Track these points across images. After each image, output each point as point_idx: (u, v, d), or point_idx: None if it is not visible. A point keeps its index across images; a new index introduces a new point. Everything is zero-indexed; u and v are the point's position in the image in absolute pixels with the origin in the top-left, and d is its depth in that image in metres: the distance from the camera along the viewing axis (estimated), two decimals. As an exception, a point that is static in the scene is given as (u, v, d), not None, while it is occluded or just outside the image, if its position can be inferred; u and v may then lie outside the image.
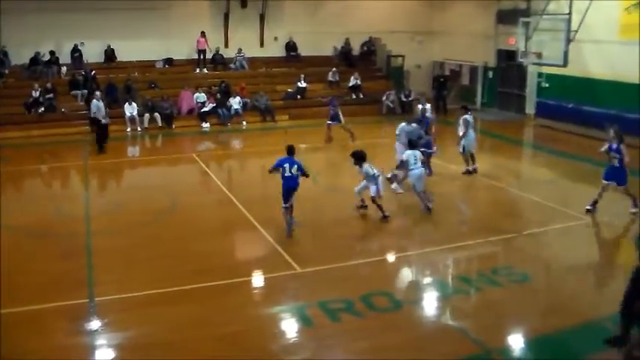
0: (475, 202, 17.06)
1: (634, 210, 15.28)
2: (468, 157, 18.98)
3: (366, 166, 14.51)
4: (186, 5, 29.54)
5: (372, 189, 14.45)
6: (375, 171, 14.52)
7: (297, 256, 12.39)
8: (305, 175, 13.72)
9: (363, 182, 14.69)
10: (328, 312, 10.14)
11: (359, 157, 14.63)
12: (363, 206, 15.31)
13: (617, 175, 15.01)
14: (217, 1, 30.23)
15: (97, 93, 23.31)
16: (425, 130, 18.35)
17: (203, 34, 29.41)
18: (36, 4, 25.92)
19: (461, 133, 18.68)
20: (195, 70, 29.85)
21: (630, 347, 7.66)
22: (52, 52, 27.81)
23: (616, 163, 14.94)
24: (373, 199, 14.63)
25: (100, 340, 9.42)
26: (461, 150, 18.77)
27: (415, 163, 15.32)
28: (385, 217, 14.70)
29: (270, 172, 13.80)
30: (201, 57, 30.03)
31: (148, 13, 28.31)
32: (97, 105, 22.28)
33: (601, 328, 9.70)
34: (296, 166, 13.47)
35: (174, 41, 29.26)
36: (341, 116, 23.12)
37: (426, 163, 16.60)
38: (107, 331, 9.67)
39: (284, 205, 13.64)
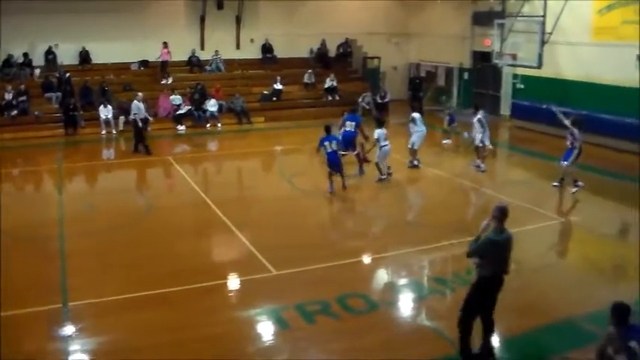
0: (450, 204, 17.10)
1: (574, 190, 16.82)
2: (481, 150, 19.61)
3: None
4: (162, 7, 29.38)
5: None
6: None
7: (272, 258, 12.34)
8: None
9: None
10: (304, 314, 10.14)
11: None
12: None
13: (566, 154, 16.99)
14: (193, 3, 30.08)
15: (139, 94, 22.75)
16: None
17: (165, 44, 28.88)
18: (8, 6, 25.57)
19: (479, 133, 19.19)
20: (161, 82, 28.98)
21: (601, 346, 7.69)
22: (25, 54, 27.48)
23: (569, 144, 16.97)
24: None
25: (75, 346, 9.34)
26: (479, 144, 19.40)
27: (385, 140, 17.78)
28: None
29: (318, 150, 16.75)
30: (165, 68, 29.27)
31: (123, 14, 28.06)
32: (138, 106, 21.97)
33: (575, 326, 9.87)
34: (335, 141, 16.42)
35: (150, 43, 28.96)
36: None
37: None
38: (82, 337, 9.59)
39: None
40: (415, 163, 19.78)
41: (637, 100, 21.65)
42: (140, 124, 21.98)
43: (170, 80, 28.88)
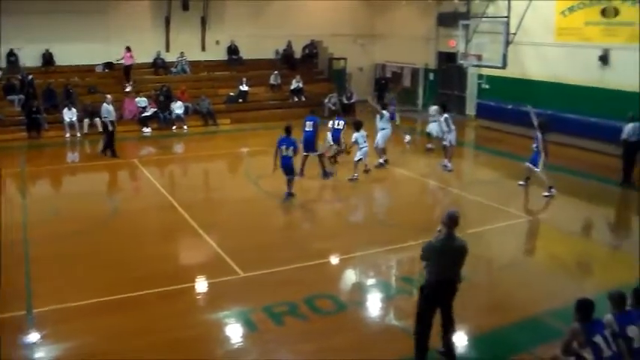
0: (417, 203, 17.20)
1: (546, 194, 16.87)
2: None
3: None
4: (127, 8, 29.07)
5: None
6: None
7: (240, 260, 12.28)
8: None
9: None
10: (272, 316, 10.11)
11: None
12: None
13: (533, 158, 17.11)
14: (158, 4, 29.84)
15: (108, 97, 22.52)
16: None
17: (128, 48, 28.41)
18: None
19: (447, 133, 19.39)
20: (124, 89, 28.07)
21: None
22: (-14, 57, 27.06)
23: (534, 148, 17.12)
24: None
25: (40, 353, 9.20)
26: (446, 144, 19.71)
27: (364, 142, 18.36)
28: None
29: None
30: (128, 73, 28.70)
31: (87, 16, 27.71)
32: (107, 109, 21.71)
33: (542, 322, 9.98)
34: (292, 147, 15.94)
35: (115, 45, 28.63)
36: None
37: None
38: (47, 344, 9.43)
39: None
40: (381, 161, 19.94)
41: (600, 100, 21.99)
42: (110, 127, 21.71)
43: (130, 88, 28.10)
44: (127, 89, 27.84)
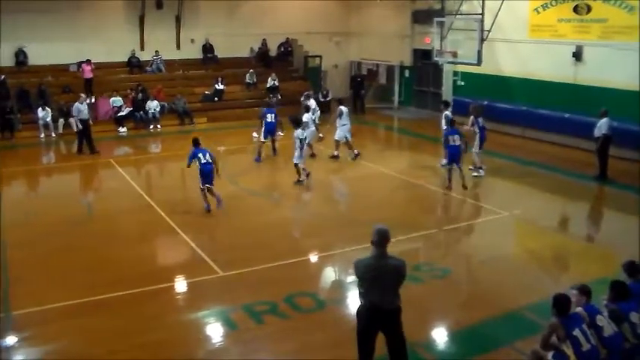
0: (395, 200, 17.25)
1: (476, 174, 18.27)
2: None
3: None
4: (100, 6, 28.83)
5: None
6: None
7: (218, 259, 12.29)
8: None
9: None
10: (252, 315, 10.11)
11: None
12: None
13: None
14: (132, 3, 29.63)
15: (82, 96, 22.91)
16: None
17: (88, 61, 27.71)
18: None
19: (444, 128, 19.28)
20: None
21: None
22: (-43, 56, 26.69)
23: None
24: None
25: (18, 356, 9.16)
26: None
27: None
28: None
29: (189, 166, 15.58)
30: (88, 86, 27.65)
31: (60, 14, 27.43)
32: (79, 108, 21.84)
33: (520, 317, 10.09)
34: (208, 153, 15.48)
35: (89, 44, 28.37)
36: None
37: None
38: (25, 346, 9.40)
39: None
40: (356, 153, 20.68)
41: (574, 96, 22.22)
42: (80, 126, 21.77)
43: (89, 100, 26.16)
44: (86, 100, 25.04)
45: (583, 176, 18.67)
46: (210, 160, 15.27)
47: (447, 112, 19.67)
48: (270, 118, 20.85)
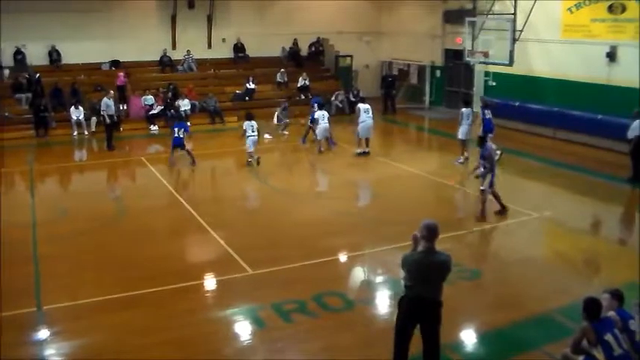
0: (424, 200, 17.20)
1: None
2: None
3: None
4: (133, 6, 29.16)
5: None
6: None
7: (248, 257, 12.32)
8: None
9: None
10: (281, 313, 10.14)
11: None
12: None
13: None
14: (164, 2, 29.88)
15: (111, 92, 23.40)
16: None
17: (124, 69, 28.36)
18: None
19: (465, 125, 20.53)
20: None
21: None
22: (-7, 55, 27.11)
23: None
24: None
25: (50, 350, 9.27)
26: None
27: (323, 119, 21.36)
28: None
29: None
30: (121, 92, 27.50)
31: (93, 14, 27.78)
32: (107, 103, 22.29)
33: (550, 320, 10.00)
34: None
35: (121, 43, 28.75)
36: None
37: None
38: (56, 341, 9.51)
39: None
40: (359, 151, 21.20)
41: (607, 97, 21.96)
42: (108, 120, 22.22)
43: (121, 106, 26.54)
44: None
45: (615, 178, 18.44)
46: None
47: (464, 109, 20.75)
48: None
